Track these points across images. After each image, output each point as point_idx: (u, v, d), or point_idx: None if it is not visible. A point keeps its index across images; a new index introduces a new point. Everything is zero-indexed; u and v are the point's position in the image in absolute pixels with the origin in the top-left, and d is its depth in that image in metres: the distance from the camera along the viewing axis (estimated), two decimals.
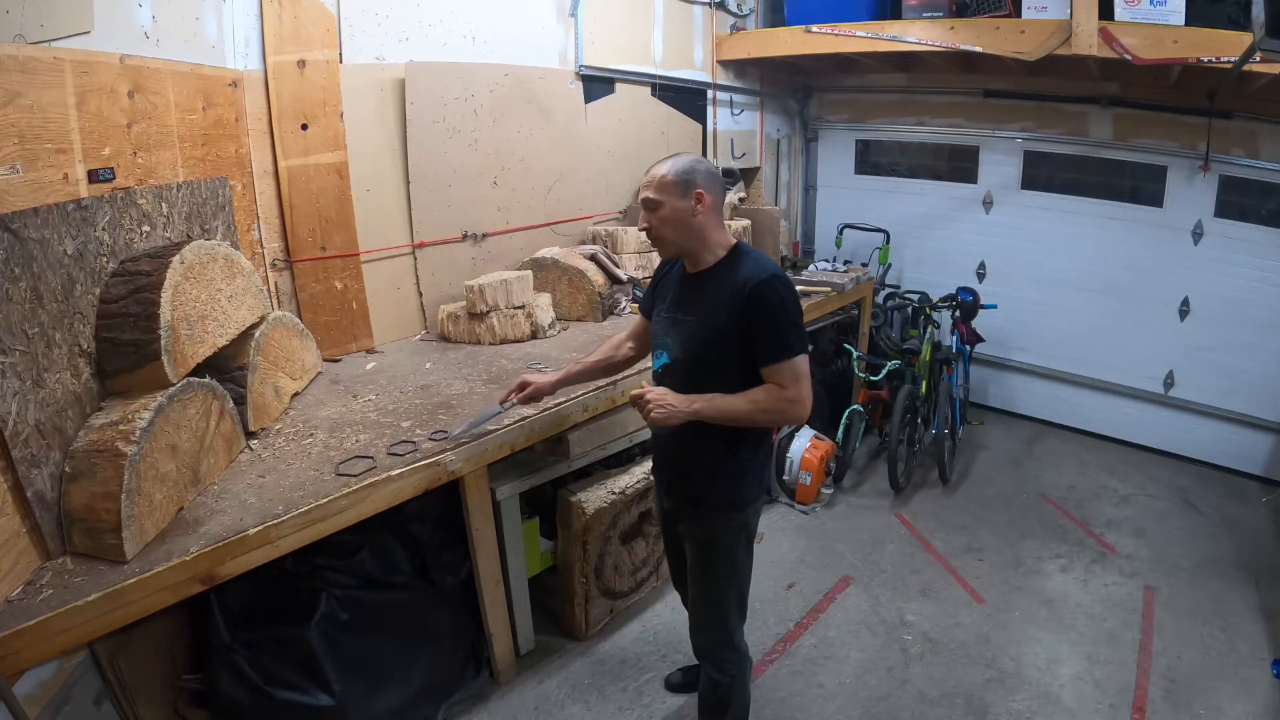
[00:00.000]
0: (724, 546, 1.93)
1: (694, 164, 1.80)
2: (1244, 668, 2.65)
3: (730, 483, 1.88)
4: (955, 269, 4.80)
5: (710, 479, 1.89)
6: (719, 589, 1.97)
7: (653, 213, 1.79)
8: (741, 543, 1.94)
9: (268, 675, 2.00)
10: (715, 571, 1.96)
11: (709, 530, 1.93)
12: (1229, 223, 3.93)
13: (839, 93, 5.18)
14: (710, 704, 2.11)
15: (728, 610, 1.99)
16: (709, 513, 1.92)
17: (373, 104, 2.93)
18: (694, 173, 1.78)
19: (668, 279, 1.97)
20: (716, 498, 1.89)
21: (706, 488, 1.89)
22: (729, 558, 1.94)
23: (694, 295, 1.83)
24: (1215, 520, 3.66)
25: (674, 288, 1.92)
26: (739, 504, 1.91)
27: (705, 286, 1.81)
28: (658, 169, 1.79)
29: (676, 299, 1.89)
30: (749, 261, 1.78)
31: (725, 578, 1.96)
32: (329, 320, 2.90)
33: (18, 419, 1.54)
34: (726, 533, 1.92)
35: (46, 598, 1.50)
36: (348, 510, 1.94)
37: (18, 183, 1.67)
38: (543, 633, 2.75)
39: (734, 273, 1.76)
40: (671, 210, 1.77)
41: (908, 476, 3.89)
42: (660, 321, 1.94)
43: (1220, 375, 4.09)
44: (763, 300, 1.69)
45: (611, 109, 3.90)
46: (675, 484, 1.99)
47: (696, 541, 1.97)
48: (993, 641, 2.79)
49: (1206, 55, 3.04)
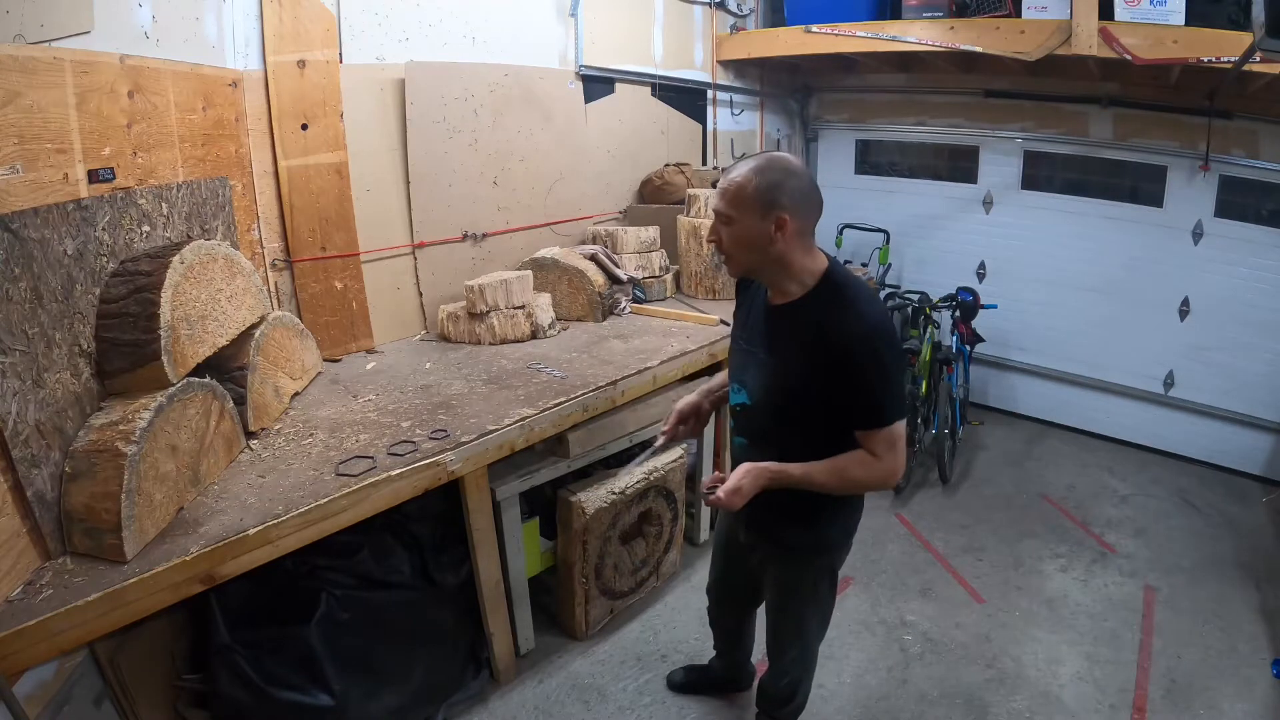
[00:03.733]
0: (808, 589, 1.86)
1: (784, 176, 1.50)
2: (1244, 668, 2.65)
3: (820, 527, 1.74)
4: (955, 269, 4.79)
5: (798, 523, 1.73)
6: (802, 625, 1.93)
7: (724, 227, 1.55)
8: (825, 580, 1.86)
9: (268, 675, 1.99)
10: (800, 611, 1.91)
11: (794, 572, 1.85)
12: (1229, 223, 3.93)
13: (839, 93, 5.18)
14: (775, 695, 2.09)
15: (810, 640, 1.97)
16: (795, 557, 1.82)
17: (373, 104, 2.93)
18: (780, 189, 1.49)
19: (751, 298, 1.73)
20: (804, 544, 1.77)
21: (794, 532, 1.75)
22: (813, 599, 1.88)
23: (777, 332, 1.61)
24: (1215, 520, 3.66)
25: (758, 316, 1.68)
26: (828, 548, 1.80)
27: (791, 323, 1.57)
28: (738, 173, 1.52)
29: (758, 331, 1.66)
30: (845, 302, 1.52)
31: (810, 615, 1.92)
32: (329, 320, 2.90)
33: (18, 419, 1.54)
34: (811, 573, 1.83)
35: (46, 598, 1.50)
36: (348, 510, 1.94)
37: (18, 183, 1.67)
38: (543, 633, 2.75)
39: (827, 314, 1.51)
40: (745, 230, 1.52)
41: (908, 477, 3.89)
42: (739, 354, 1.74)
43: (1220, 375, 4.09)
44: (860, 360, 1.47)
45: (611, 109, 3.90)
46: (759, 525, 1.83)
47: (779, 583, 1.91)
48: (993, 641, 2.79)
49: (1206, 55, 3.04)
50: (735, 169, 1.54)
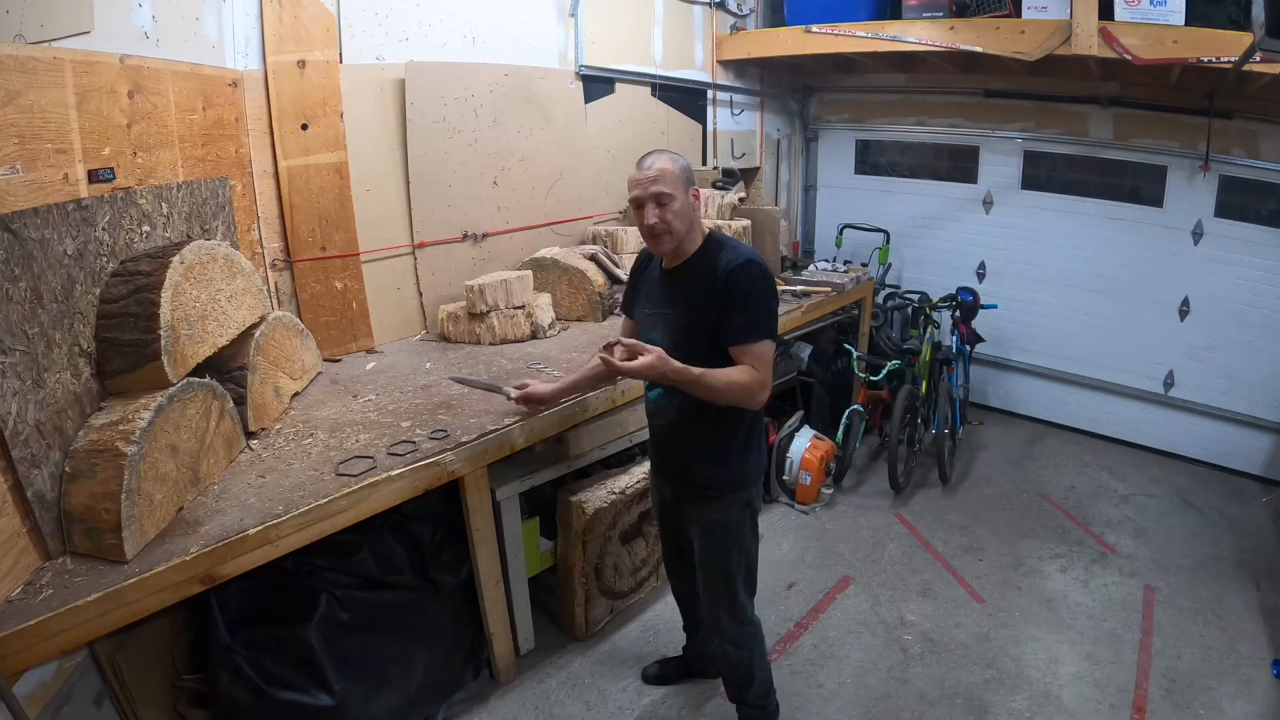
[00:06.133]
0: (733, 527, 1.98)
1: (683, 158, 1.85)
2: (1244, 668, 2.65)
3: (733, 465, 1.93)
4: (955, 269, 4.80)
5: (712, 463, 1.93)
6: (729, 568, 2.02)
7: (665, 207, 1.78)
8: (747, 520, 2.00)
9: (268, 675, 2.00)
10: (725, 554, 2.01)
11: (717, 513, 1.98)
12: (1229, 223, 3.93)
13: (839, 93, 5.18)
14: (733, 680, 2.22)
15: (737, 587, 2.05)
16: (715, 497, 1.96)
17: (373, 104, 2.93)
18: (689, 169, 1.84)
19: (645, 277, 2.02)
20: (721, 481, 1.94)
21: (710, 473, 1.94)
22: (738, 537, 2.00)
23: (676, 287, 1.88)
24: (1215, 520, 3.66)
25: (655, 284, 1.96)
26: (743, 484, 1.96)
27: (686, 276, 1.86)
28: (660, 163, 1.79)
29: (659, 295, 1.93)
30: (726, 248, 1.84)
31: (735, 556, 2.02)
32: (329, 320, 2.90)
33: (18, 419, 1.55)
34: (733, 512, 1.97)
35: (46, 598, 1.50)
36: (348, 510, 1.94)
37: (18, 183, 1.67)
38: (543, 633, 2.75)
39: (713, 259, 1.82)
40: (681, 205, 1.79)
41: (908, 476, 3.89)
42: (646, 319, 1.97)
43: (1220, 375, 4.09)
44: (738, 282, 1.74)
45: (611, 109, 3.89)
46: (679, 474, 2.02)
47: (705, 525, 2.02)
48: (993, 641, 2.79)
49: (1206, 55, 3.04)
50: (653, 160, 1.80)
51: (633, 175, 1.82)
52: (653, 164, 1.79)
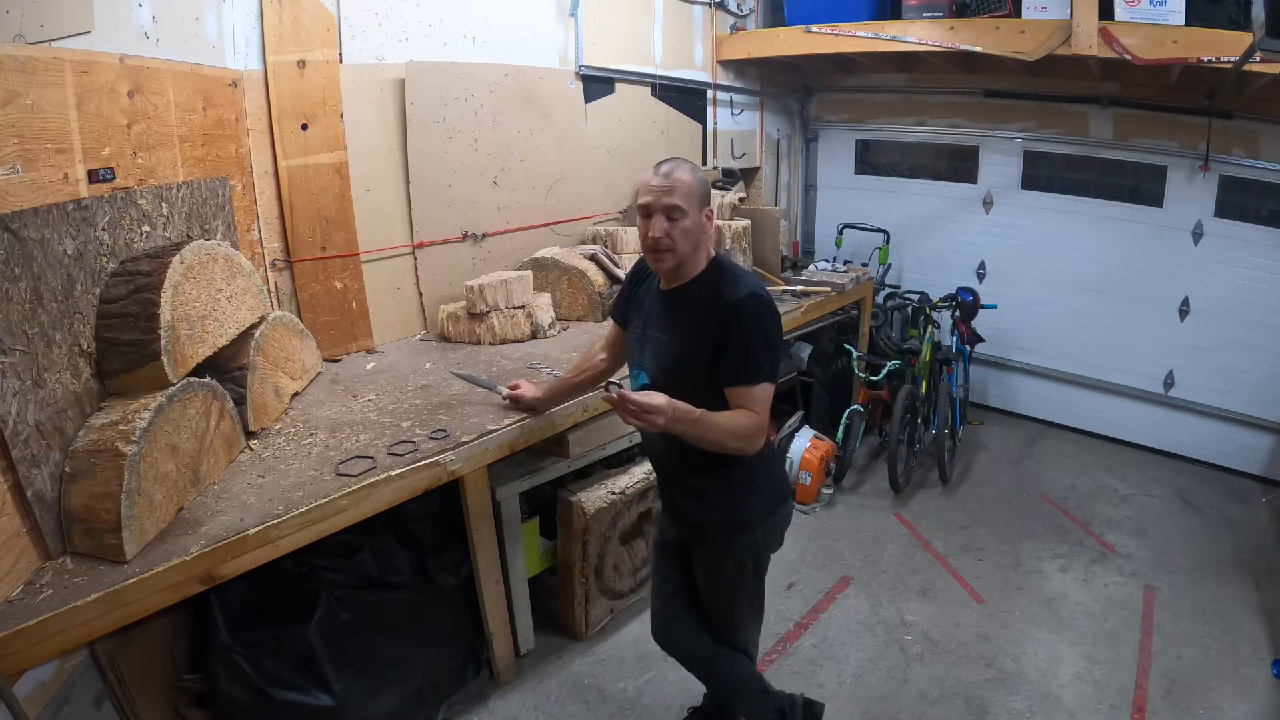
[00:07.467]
0: (733, 569, 1.88)
1: (702, 172, 1.70)
2: (1244, 668, 2.65)
3: (731, 503, 1.80)
4: (955, 269, 4.79)
5: (707, 501, 1.81)
6: (734, 614, 1.96)
7: (675, 223, 1.62)
8: (748, 565, 1.89)
9: (268, 675, 2.00)
10: (729, 598, 1.94)
11: (718, 553, 1.88)
12: (1229, 223, 3.93)
13: (839, 93, 5.18)
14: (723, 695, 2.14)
15: (740, 633, 2.00)
16: (715, 535, 1.85)
17: (373, 104, 2.93)
18: (708, 186, 1.70)
19: (643, 290, 1.87)
20: (719, 519, 1.82)
21: (704, 509, 1.82)
22: (739, 583, 1.91)
23: (672, 312, 1.74)
24: (1215, 520, 3.66)
25: (650, 302, 1.82)
26: (742, 524, 1.83)
27: (683, 302, 1.72)
28: (679, 173, 1.63)
29: (652, 317, 1.79)
30: (729, 277, 1.68)
31: (738, 603, 1.95)
32: (329, 320, 2.90)
33: (18, 419, 1.55)
34: (734, 555, 1.86)
35: (46, 598, 1.50)
36: (348, 510, 1.94)
37: (18, 183, 1.67)
38: (543, 633, 2.75)
39: (714, 288, 1.67)
40: (693, 223, 1.64)
41: (908, 476, 3.89)
42: (635, 340, 1.85)
43: (1220, 375, 4.09)
44: (741, 319, 1.60)
45: (611, 109, 3.89)
46: (681, 510, 1.91)
47: (705, 566, 1.93)
48: (993, 641, 2.79)
49: (1206, 55, 3.04)
50: (672, 168, 1.64)
51: (646, 179, 1.65)
52: (671, 172, 1.63)
